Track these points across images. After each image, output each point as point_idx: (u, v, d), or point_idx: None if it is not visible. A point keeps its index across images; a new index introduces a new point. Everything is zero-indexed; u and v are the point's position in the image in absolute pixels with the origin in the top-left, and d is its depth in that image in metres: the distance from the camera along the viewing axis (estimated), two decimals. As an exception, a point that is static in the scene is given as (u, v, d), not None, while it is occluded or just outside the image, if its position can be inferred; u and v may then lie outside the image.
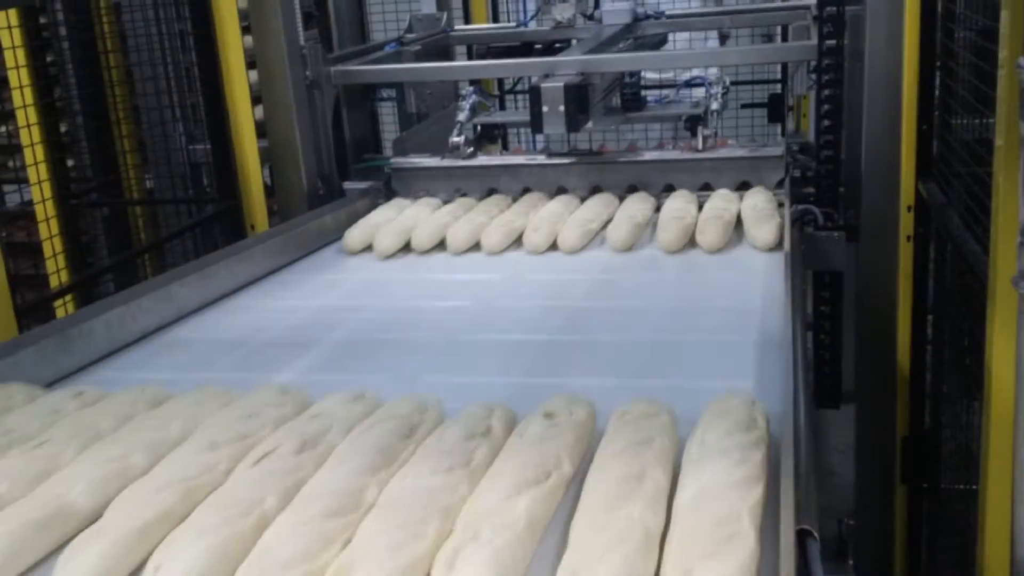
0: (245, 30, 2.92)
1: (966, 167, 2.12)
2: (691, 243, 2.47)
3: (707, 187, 2.83)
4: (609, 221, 2.63)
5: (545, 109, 2.65)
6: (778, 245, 2.36)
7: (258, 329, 2.12)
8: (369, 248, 2.60)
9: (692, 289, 2.26)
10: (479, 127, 3.17)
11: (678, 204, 2.64)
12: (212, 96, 2.91)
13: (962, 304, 2.15)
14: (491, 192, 2.97)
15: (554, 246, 2.53)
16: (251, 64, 2.92)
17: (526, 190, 2.95)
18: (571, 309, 2.15)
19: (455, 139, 3.03)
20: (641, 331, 2.00)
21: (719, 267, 2.36)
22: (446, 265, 2.51)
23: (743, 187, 2.81)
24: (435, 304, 2.24)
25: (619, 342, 1.95)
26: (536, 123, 2.68)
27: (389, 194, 3.02)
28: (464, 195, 2.95)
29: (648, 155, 2.96)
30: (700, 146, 2.89)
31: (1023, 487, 1.47)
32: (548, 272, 2.42)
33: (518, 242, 2.58)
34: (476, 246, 2.57)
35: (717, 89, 3.05)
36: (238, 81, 2.86)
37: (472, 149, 3.05)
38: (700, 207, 2.64)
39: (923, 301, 2.57)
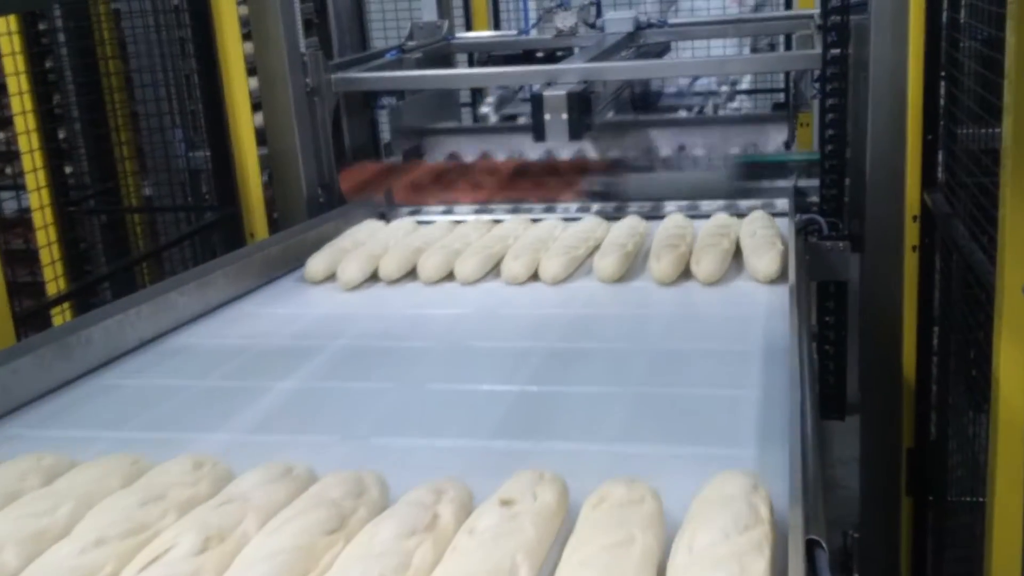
0: (245, 37, 2.91)
1: (972, 177, 2.11)
2: (686, 273, 2.26)
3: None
4: (597, 248, 2.42)
5: (547, 117, 2.62)
6: (781, 276, 2.20)
7: (195, 375, 1.89)
8: (333, 278, 2.37)
9: (686, 329, 2.04)
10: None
11: (672, 229, 2.44)
12: (212, 103, 2.90)
13: (968, 314, 2.14)
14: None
15: (536, 276, 2.32)
16: (251, 71, 2.91)
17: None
18: (549, 352, 1.92)
19: (484, 110, 3.19)
20: (627, 380, 1.77)
21: (717, 302, 2.16)
22: (415, 298, 2.28)
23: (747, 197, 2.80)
24: (398, 344, 2.01)
25: (602, 394, 1.72)
26: (538, 131, 2.66)
27: (391, 203, 3.00)
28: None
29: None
30: None
31: (1033, 500, 1.46)
32: (527, 306, 2.19)
33: (496, 271, 2.37)
34: (450, 275, 2.35)
35: (722, 96, 3.05)
36: (238, 88, 2.85)
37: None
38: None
39: (928, 312, 2.56)
